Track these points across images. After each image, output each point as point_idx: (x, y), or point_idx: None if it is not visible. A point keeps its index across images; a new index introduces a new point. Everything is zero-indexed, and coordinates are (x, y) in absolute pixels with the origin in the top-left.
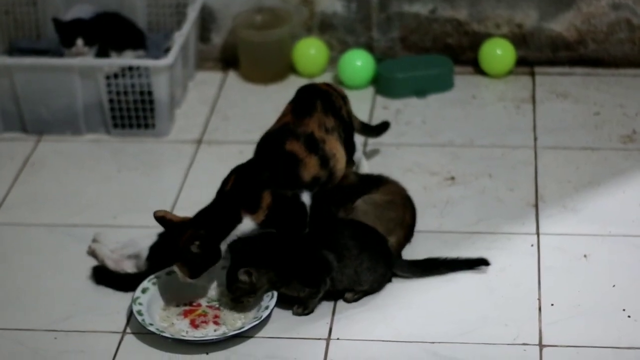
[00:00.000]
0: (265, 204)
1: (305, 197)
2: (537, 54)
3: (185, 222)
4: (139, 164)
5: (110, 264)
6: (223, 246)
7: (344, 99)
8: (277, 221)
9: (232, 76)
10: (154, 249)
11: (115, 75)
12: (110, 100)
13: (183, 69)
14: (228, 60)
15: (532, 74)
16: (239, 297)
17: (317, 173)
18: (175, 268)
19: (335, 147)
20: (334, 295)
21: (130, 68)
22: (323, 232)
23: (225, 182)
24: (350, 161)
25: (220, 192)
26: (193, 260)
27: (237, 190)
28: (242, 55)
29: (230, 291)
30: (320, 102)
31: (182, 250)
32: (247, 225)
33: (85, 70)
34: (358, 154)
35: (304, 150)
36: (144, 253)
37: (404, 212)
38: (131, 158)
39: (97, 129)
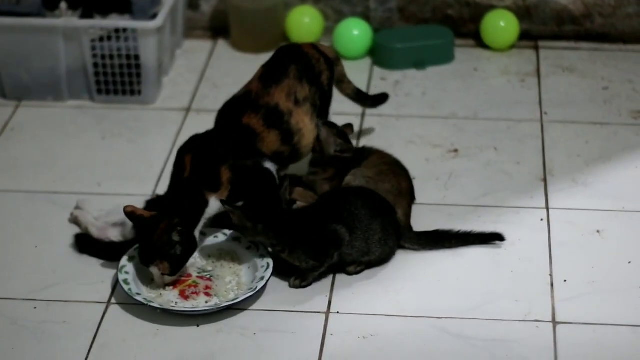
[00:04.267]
0: (225, 179)
1: (269, 165)
2: (541, 28)
3: (155, 217)
4: (124, 131)
5: (95, 232)
6: (197, 233)
7: (331, 62)
8: (243, 192)
9: (222, 45)
10: None
11: (101, 39)
12: (95, 65)
13: (171, 36)
14: (218, 28)
15: (536, 48)
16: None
17: (277, 149)
18: (152, 269)
19: (302, 122)
20: (337, 267)
21: (117, 31)
22: (334, 202)
23: (179, 165)
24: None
25: (178, 178)
26: (173, 254)
27: (196, 172)
28: (232, 23)
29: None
30: (296, 67)
31: (160, 244)
32: (213, 206)
33: (70, 31)
34: None
35: (262, 124)
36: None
37: (397, 179)
38: (116, 125)
39: (80, 95)
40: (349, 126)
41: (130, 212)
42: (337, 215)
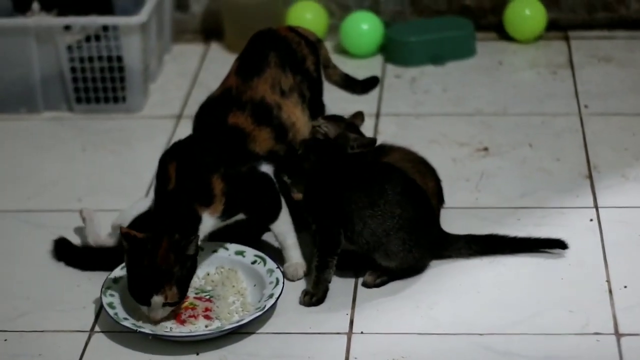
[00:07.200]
0: (218, 191)
1: (266, 168)
2: (570, 16)
3: (149, 238)
4: (107, 142)
5: (92, 240)
6: None
7: (313, 45)
8: (242, 204)
9: (215, 48)
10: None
11: (79, 44)
12: (73, 70)
13: (158, 39)
14: (210, 30)
15: (566, 39)
16: None
17: (271, 147)
18: (155, 300)
19: (294, 114)
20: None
21: (97, 36)
22: (374, 173)
23: (162, 176)
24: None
25: (163, 191)
26: (181, 274)
27: (183, 184)
28: (226, 22)
29: None
30: (276, 54)
31: (167, 266)
32: (208, 222)
33: (43, 32)
34: None
35: (251, 122)
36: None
37: (422, 179)
38: (98, 136)
39: (57, 106)
40: (359, 115)
41: (125, 234)
42: (357, 186)
